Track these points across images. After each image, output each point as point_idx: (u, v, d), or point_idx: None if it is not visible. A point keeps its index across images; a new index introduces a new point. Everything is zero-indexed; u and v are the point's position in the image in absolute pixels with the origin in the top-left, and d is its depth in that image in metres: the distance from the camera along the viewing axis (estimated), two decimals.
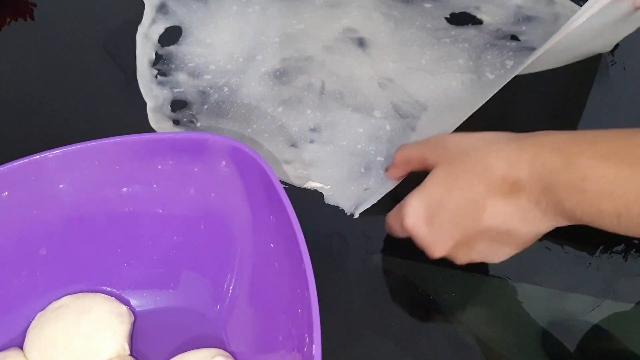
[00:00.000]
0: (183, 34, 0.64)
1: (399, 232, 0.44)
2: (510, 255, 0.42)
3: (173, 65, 0.61)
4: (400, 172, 0.48)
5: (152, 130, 0.56)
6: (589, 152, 0.36)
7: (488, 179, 0.39)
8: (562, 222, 0.39)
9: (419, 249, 0.43)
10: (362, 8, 0.65)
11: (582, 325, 0.45)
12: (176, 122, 0.57)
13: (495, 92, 0.50)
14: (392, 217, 0.44)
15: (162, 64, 0.61)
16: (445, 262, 0.47)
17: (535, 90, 0.58)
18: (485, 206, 0.39)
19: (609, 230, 0.37)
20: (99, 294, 0.45)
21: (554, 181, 0.37)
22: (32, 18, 0.67)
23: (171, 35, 0.63)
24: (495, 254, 0.42)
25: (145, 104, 0.58)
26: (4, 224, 0.42)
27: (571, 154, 0.36)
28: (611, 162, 0.35)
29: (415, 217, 0.41)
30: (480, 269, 0.47)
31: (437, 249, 0.41)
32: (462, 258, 0.42)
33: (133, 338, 0.45)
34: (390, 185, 0.49)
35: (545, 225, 0.39)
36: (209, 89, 0.59)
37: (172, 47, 0.63)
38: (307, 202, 0.51)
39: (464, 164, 0.40)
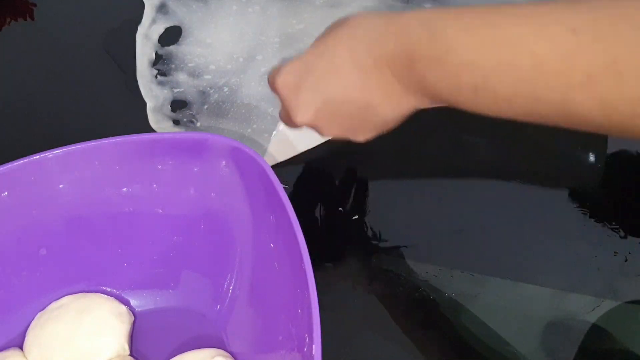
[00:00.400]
0: (183, 34, 0.64)
1: (272, 88, 0.43)
2: (373, 134, 0.41)
3: (173, 65, 0.61)
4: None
5: (152, 130, 0.56)
6: (454, 24, 0.35)
7: (354, 48, 0.38)
8: (424, 102, 0.38)
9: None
10: (362, 8, 0.65)
11: (582, 325, 0.45)
12: (176, 122, 0.57)
13: None
14: (271, 75, 0.43)
15: (162, 64, 0.61)
16: (445, 262, 0.48)
17: None
18: (349, 75, 0.39)
19: (468, 109, 0.36)
20: (99, 294, 0.45)
21: (418, 55, 0.36)
22: (32, 18, 0.67)
23: (171, 35, 0.63)
24: (357, 131, 0.41)
25: (145, 104, 0.58)
26: (4, 224, 0.42)
27: (437, 27, 0.35)
28: (475, 32, 0.34)
29: (285, 78, 0.41)
30: (480, 269, 0.47)
31: (299, 113, 0.40)
32: (325, 129, 0.41)
33: (133, 338, 0.45)
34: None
35: (408, 104, 0.39)
36: (209, 89, 0.59)
37: (172, 47, 0.62)
38: (307, 202, 0.51)
39: (336, 34, 0.40)
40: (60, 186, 0.43)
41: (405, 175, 0.54)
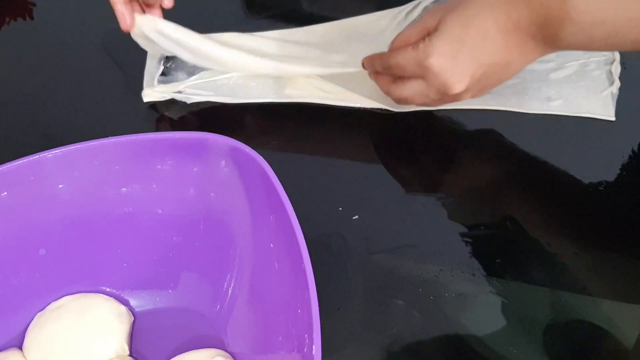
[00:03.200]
0: None
1: (410, 73, 0.49)
2: (490, 90, 0.50)
3: (173, 65, 0.61)
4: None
5: (151, 131, 0.56)
6: None
7: (496, 19, 0.46)
8: (550, 52, 0.48)
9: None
10: None
11: (582, 325, 0.45)
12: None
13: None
14: (405, 59, 0.49)
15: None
16: (445, 262, 0.47)
17: None
18: (495, 39, 0.46)
19: (591, 51, 0.47)
20: (98, 294, 0.45)
21: (551, 17, 0.44)
22: (32, 17, 0.67)
23: None
24: (485, 90, 0.50)
25: (144, 104, 0.58)
26: (3, 225, 0.42)
27: None
28: None
29: (439, 54, 0.47)
30: (480, 269, 0.47)
31: (457, 81, 0.47)
32: (471, 93, 0.49)
33: (132, 338, 0.45)
34: None
35: (535, 56, 0.48)
36: None
37: None
38: (307, 202, 0.51)
39: (472, 7, 0.47)
40: (60, 186, 0.43)
41: (405, 175, 0.54)
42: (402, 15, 0.63)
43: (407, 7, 0.63)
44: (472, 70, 0.47)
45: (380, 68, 0.52)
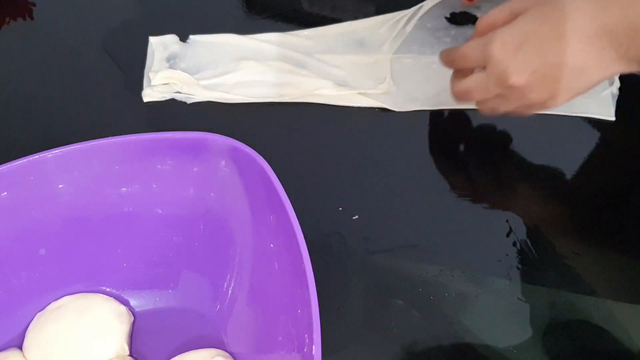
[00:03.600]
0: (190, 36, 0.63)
1: (473, 61, 0.47)
2: (567, 100, 0.46)
3: (172, 62, 0.61)
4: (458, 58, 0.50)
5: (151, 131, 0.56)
6: None
7: (578, 19, 0.43)
8: (631, 68, 0.44)
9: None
10: None
11: (582, 325, 0.45)
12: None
13: None
14: (470, 46, 0.47)
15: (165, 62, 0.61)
16: (445, 262, 0.47)
17: None
18: (570, 42, 0.43)
19: None
20: (98, 294, 0.45)
21: None
22: (32, 17, 0.67)
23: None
24: (557, 97, 0.45)
25: (144, 104, 0.58)
26: (3, 224, 0.42)
27: None
28: None
29: (503, 42, 0.45)
30: (480, 269, 0.47)
31: (515, 73, 0.44)
32: (533, 92, 0.45)
33: (132, 338, 0.45)
34: None
35: (615, 69, 0.44)
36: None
37: (176, 47, 0.62)
38: (307, 202, 0.51)
39: (555, 6, 0.44)
40: (60, 186, 0.43)
41: (405, 174, 0.54)
42: (402, 23, 0.62)
43: (407, 12, 0.63)
44: (534, 65, 0.44)
45: (446, 58, 0.51)
